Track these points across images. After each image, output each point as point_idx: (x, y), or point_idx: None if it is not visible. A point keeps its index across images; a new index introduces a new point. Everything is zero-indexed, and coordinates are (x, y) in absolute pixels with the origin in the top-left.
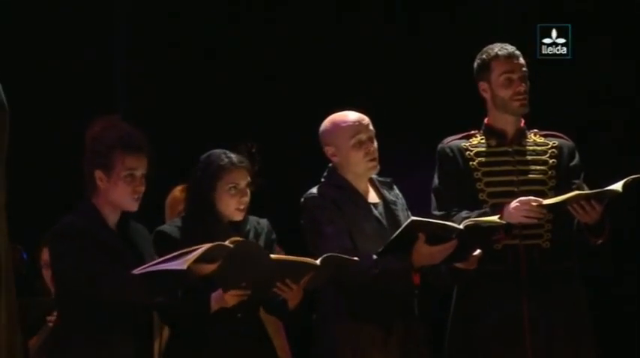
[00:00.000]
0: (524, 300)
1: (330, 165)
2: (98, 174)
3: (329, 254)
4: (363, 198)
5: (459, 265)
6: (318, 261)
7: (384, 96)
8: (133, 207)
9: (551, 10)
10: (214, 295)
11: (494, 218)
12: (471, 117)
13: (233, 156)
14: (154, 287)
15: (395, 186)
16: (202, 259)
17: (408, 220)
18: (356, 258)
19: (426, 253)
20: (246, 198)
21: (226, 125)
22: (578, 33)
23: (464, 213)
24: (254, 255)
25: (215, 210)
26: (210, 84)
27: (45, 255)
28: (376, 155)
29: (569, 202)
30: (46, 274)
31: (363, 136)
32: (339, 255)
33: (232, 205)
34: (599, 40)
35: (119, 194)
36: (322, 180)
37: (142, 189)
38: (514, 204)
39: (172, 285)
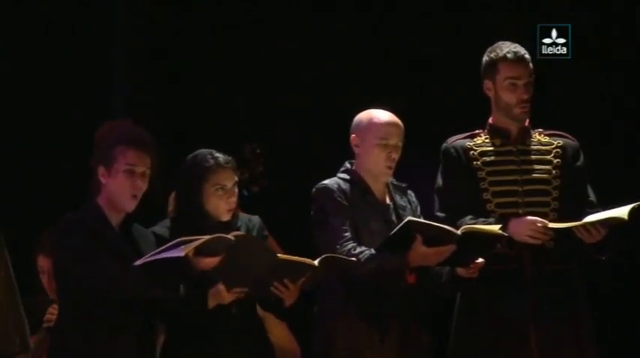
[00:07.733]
0: (528, 299)
1: (347, 162)
2: (101, 170)
3: (327, 255)
4: (373, 196)
5: (460, 272)
6: (316, 262)
7: (384, 95)
8: (130, 204)
9: (551, 10)
10: (212, 291)
11: (495, 228)
12: (470, 118)
13: (219, 156)
14: (152, 279)
15: (410, 192)
16: (203, 252)
17: (405, 220)
18: (354, 259)
19: (420, 254)
20: (234, 199)
21: (226, 125)
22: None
23: (468, 219)
24: (256, 249)
25: (204, 211)
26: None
27: (41, 262)
28: (394, 164)
29: (576, 228)
30: (44, 279)
31: (391, 141)
32: (338, 255)
33: (221, 206)
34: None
35: (117, 189)
36: (338, 174)
37: (142, 186)
38: (520, 222)
39: (171, 277)
